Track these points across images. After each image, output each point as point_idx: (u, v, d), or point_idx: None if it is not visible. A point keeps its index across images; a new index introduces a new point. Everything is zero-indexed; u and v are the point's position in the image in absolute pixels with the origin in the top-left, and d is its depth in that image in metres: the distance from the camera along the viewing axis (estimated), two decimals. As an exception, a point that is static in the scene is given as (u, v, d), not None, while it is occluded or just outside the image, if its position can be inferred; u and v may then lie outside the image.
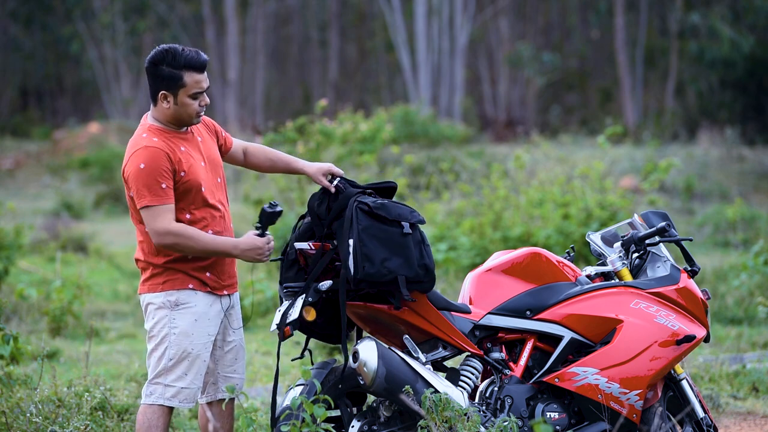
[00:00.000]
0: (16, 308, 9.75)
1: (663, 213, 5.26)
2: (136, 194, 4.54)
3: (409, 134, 23.76)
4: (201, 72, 4.62)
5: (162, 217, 4.52)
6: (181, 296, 4.64)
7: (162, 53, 4.58)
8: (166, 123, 4.67)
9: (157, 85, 4.61)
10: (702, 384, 7.08)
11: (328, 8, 39.16)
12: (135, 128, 24.46)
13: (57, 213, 18.54)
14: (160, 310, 4.65)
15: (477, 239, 11.66)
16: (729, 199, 18.59)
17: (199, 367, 4.66)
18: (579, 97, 38.16)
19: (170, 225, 4.52)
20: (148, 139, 4.59)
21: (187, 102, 4.61)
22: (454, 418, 4.63)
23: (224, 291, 4.73)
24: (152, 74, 4.61)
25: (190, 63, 4.58)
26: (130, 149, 4.61)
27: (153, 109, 4.68)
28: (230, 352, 4.81)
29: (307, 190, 12.63)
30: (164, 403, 4.64)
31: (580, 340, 4.98)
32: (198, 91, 4.62)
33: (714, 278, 10.99)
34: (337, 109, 23.29)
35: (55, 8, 36.31)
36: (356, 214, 4.63)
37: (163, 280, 4.65)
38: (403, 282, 4.64)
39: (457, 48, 33.19)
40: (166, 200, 4.54)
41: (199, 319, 4.65)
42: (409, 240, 4.67)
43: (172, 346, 4.62)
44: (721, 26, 27.82)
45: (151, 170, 4.52)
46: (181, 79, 4.58)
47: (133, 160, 4.55)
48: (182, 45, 4.63)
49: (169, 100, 4.60)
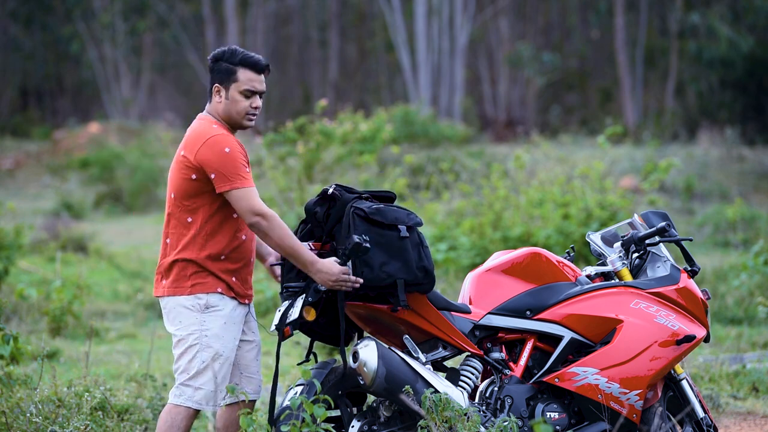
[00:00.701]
0: (16, 308, 9.75)
1: (663, 213, 5.26)
2: (224, 178, 4.58)
3: (409, 134, 23.76)
4: (257, 72, 4.71)
5: (256, 197, 4.59)
6: (210, 299, 4.67)
7: (222, 51, 4.74)
8: (220, 120, 4.73)
9: (213, 80, 4.73)
10: (702, 384, 7.08)
11: (328, 8, 39.16)
12: (135, 128, 24.22)
13: (57, 213, 18.55)
14: (189, 312, 4.67)
15: (477, 239, 11.66)
16: (729, 199, 18.59)
17: (228, 369, 4.71)
18: (579, 97, 38.15)
19: (265, 207, 4.59)
20: (220, 130, 4.67)
21: (238, 98, 4.69)
22: (454, 418, 4.63)
23: (245, 300, 4.78)
24: (212, 69, 4.74)
25: (247, 60, 4.69)
26: (200, 136, 4.64)
27: (208, 105, 4.77)
28: (250, 351, 4.86)
29: (307, 191, 12.64)
30: (192, 405, 4.67)
31: (580, 340, 4.99)
32: (249, 89, 4.69)
33: (714, 278, 11.00)
34: (337, 109, 23.28)
35: (55, 8, 36.30)
36: (353, 220, 4.63)
37: (192, 283, 4.67)
38: (402, 286, 4.65)
39: (457, 48, 33.18)
40: (251, 182, 4.63)
41: (228, 322, 4.69)
42: (406, 243, 4.67)
43: (204, 349, 4.65)
44: (719, 26, 27.81)
45: (237, 154, 4.60)
46: (234, 73, 4.68)
47: (212, 146, 4.59)
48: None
49: (221, 94, 4.70)
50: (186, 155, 4.65)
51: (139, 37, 36.27)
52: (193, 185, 4.64)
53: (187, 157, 4.64)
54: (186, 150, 4.66)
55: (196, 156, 4.61)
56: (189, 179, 4.64)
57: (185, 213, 4.67)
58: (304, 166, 13.28)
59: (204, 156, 4.60)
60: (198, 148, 4.62)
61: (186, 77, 40.02)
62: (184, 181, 4.65)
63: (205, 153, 4.60)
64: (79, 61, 37.20)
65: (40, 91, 39.95)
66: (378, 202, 4.78)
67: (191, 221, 4.67)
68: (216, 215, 4.67)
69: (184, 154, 4.65)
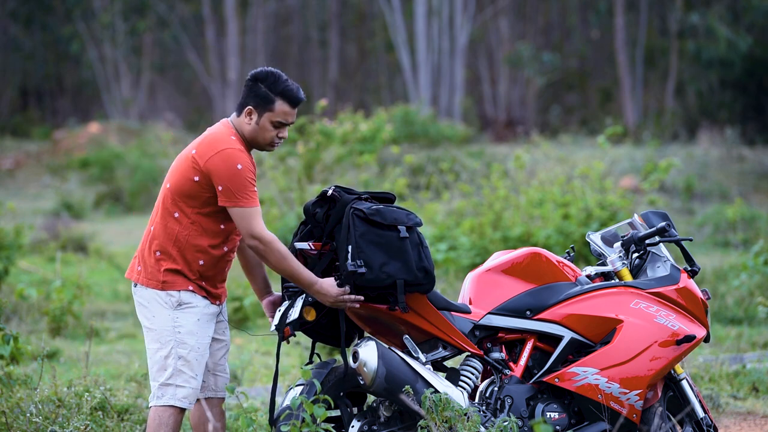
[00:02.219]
0: (16, 308, 9.75)
1: (663, 213, 5.26)
2: (230, 193, 4.59)
3: (409, 134, 23.76)
4: (293, 106, 4.70)
5: (258, 220, 4.61)
6: (183, 296, 4.69)
7: (266, 74, 4.69)
8: (242, 136, 4.72)
9: (248, 99, 4.70)
10: (702, 384, 7.08)
11: (328, 8, 39.16)
12: (135, 128, 24.18)
13: (57, 213, 18.55)
14: (162, 308, 4.69)
15: (477, 239, 11.66)
16: (729, 199, 18.59)
17: (203, 366, 4.72)
18: (579, 97, 38.14)
19: (264, 231, 4.60)
20: (237, 144, 4.65)
21: (268, 127, 4.69)
22: (454, 418, 4.63)
23: (216, 301, 4.79)
24: (249, 88, 4.70)
25: (287, 93, 4.67)
26: (216, 144, 4.63)
27: (235, 117, 4.74)
28: (220, 350, 4.88)
29: (308, 191, 12.64)
30: (176, 404, 4.68)
31: (580, 340, 4.99)
32: (282, 121, 4.70)
33: (714, 278, 10.99)
34: (337, 109, 23.29)
35: (55, 8, 36.28)
36: (352, 221, 4.63)
37: (164, 279, 4.69)
38: (402, 287, 4.65)
39: (457, 48, 33.18)
40: (257, 202, 4.64)
41: (201, 319, 4.71)
42: (406, 243, 4.67)
43: (179, 346, 4.67)
44: (718, 26, 27.80)
45: (247, 173, 4.60)
46: (272, 102, 4.66)
47: (226, 159, 4.59)
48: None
49: (253, 117, 4.68)
50: (196, 157, 4.64)
51: (139, 37, 36.25)
52: (193, 186, 4.64)
53: (197, 159, 4.63)
54: (198, 152, 4.65)
55: (206, 162, 4.61)
56: (191, 180, 4.64)
57: (175, 207, 4.68)
58: (304, 166, 13.28)
59: (215, 166, 4.60)
60: (211, 156, 4.61)
61: (186, 77, 40.01)
62: (186, 180, 4.65)
63: (217, 163, 4.60)
64: (79, 61, 37.19)
65: (40, 91, 39.94)
66: (378, 202, 4.78)
67: (178, 217, 4.67)
68: (204, 219, 4.67)
69: (195, 155, 4.64)
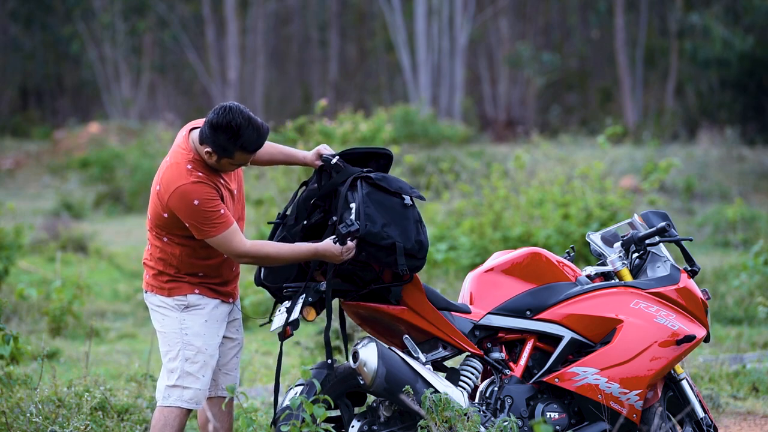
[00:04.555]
0: (16, 308, 9.76)
1: (663, 213, 5.27)
2: (197, 228, 4.57)
3: (409, 134, 23.76)
4: (253, 153, 4.63)
5: (235, 239, 4.58)
6: (190, 299, 4.72)
7: (226, 126, 4.53)
8: (202, 160, 4.64)
9: (207, 141, 4.58)
10: (702, 384, 7.08)
11: (328, 8, 39.16)
12: (135, 128, 24.09)
13: (57, 213, 18.54)
14: (170, 311, 4.72)
15: (477, 239, 11.66)
16: (729, 199, 18.59)
17: (211, 367, 4.74)
18: (579, 97, 38.15)
19: (245, 246, 4.58)
20: (194, 174, 4.59)
21: (227, 167, 4.66)
22: (454, 418, 4.63)
23: (228, 299, 4.81)
24: (209, 133, 4.56)
25: (246, 146, 4.58)
26: (173, 182, 4.58)
27: (198, 140, 4.62)
28: (232, 349, 4.89)
29: (307, 190, 12.61)
30: (182, 405, 4.70)
31: (580, 340, 4.98)
32: (242, 163, 4.67)
33: (714, 278, 10.99)
34: (337, 109, 23.28)
35: (55, 8, 36.29)
36: (360, 183, 4.69)
37: (169, 287, 4.73)
38: (401, 251, 4.66)
39: (457, 48, 33.18)
40: (228, 223, 4.58)
41: (209, 320, 4.73)
42: (408, 212, 4.72)
43: (187, 348, 4.69)
44: (714, 26, 27.79)
45: (205, 204, 4.55)
46: (232, 154, 4.59)
47: (181, 197, 4.56)
48: (241, 113, 4.53)
49: (213, 158, 4.61)
50: (161, 195, 4.63)
51: (139, 37, 36.25)
52: (166, 221, 4.66)
53: (162, 196, 4.63)
54: (161, 188, 4.63)
55: (167, 202, 4.60)
56: (162, 215, 4.65)
57: (162, 232, 4.71)
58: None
59: (174, 205, 4.59)
60: (169, 196, 4.59)
61: (186, 77, 40.00)
62: (158, 215, 4.67)
63: (176, 203, 4.58)
64: (79, 61, 37.19)
65: (40, 91, 39.93)
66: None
67: (167, 241, 4.70)
68: (192, 242, 4.69)
69: (159, 192, 4.64)
